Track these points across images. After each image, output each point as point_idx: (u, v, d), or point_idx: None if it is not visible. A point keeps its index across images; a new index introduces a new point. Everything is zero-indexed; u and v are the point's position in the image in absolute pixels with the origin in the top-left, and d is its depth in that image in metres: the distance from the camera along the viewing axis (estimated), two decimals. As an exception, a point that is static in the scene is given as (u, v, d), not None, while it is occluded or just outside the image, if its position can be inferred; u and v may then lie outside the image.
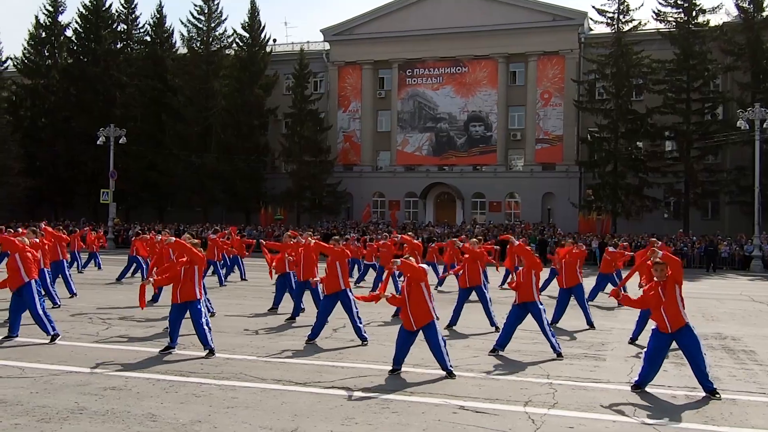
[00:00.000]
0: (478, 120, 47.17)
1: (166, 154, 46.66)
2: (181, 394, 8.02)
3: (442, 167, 48.07)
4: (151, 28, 52.49)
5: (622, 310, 17.17)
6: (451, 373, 9.05)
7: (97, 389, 8.13)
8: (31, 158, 49.29)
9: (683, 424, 7.28)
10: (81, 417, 7.03)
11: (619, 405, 7.93)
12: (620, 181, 40.98)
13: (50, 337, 11.07)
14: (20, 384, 8.32)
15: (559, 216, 44.10)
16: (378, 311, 14.58)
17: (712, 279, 29.32)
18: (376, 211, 48.44)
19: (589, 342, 12.14)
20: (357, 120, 49.65)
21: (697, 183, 40.24)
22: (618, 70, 41.01)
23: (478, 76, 47.07)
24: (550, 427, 7.00)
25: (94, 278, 22.13)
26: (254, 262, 26.18)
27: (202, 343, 10.20)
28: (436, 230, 40.72)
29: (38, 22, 51.56)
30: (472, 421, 7.18)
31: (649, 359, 8.55)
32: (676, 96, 40.75)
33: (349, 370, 9.49)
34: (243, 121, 47.38)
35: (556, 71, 45.49)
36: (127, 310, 15.12)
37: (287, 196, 46.99)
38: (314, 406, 7.58)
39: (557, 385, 8.83)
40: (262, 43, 49.73)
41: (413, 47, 47.33)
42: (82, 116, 48.86)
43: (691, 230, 38.85)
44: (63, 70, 51.28)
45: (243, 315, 14.73)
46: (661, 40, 41.36)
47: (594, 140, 43.03)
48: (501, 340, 10.81)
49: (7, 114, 50.55)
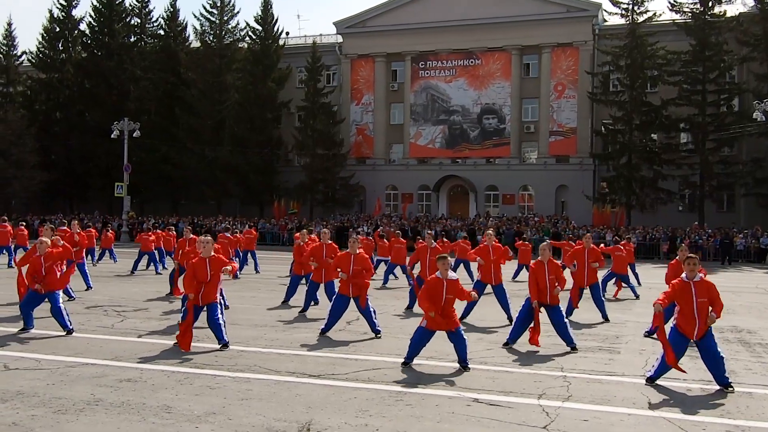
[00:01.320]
0: (492, 112, 46.99)
1: (180, 148, 46.84)
2: (195, 386, 8.06)
3: (455, 160, 47.96)
4: (165, 21, 52.65)
5: (636, 303, 17.10)
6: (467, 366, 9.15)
7: (112, 381, 8.18)
8: (46, 152, 49.68)
9: (699, 417, 7.23)
10: (97, 408, 7.08)
11: (634, 398, 7.89)
12: (635, 173, 40.72)
13: (66, 331, 11.12)
14: (37, 376, 8.38)
15: (572, 209, 43.92)
16: (392, 304, 14.59)
17: (727, 272, 29.11)
18: (389, 204, 48.44)
19: (603, 335, 12.09)
20: (370, 113, 49.59)
21: (713, 175, 39.92)
22: (632, 62, 40.69)
23: (492, 68, 46.88)
24: (564, 420, 6.97)
25: (109, 271, 22.27)
26: (267, 255, 26.29)
27: (217, 338, 10.24)
28: (449, 223, 40.66)
29: (52, 17, 51.81)
30: (486, 413, 7.17)
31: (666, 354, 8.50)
32: (692, 87, 40.43)
33: (362, 362, 9.49)
34: (256, 114, 47.47)
35: (570, 63, 45.23)
36: (142, 302, 15.20)
37: (300, 189, 47.07)
38: (328, 399, 7.60)
39: (571, 378, 8.80)
40: (275, 36, 49.76)
41: (426, 39, 47.17)
42: (96, 110, 49.18)
43: (706, 223, 38.59)
44: (77, 64, 51.54)
45: (257, 307, 14.77)
46: (676, 31, 40.99)
47: (608, 132, 42.81)
48: (513, 334, 10.79)
49: (22, 108, 51.02)
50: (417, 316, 13.60)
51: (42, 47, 52.06)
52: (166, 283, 17.18)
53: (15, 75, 52.86)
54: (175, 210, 49.58)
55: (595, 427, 6.81)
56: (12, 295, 15.81)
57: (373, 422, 6.80)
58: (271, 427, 6.59)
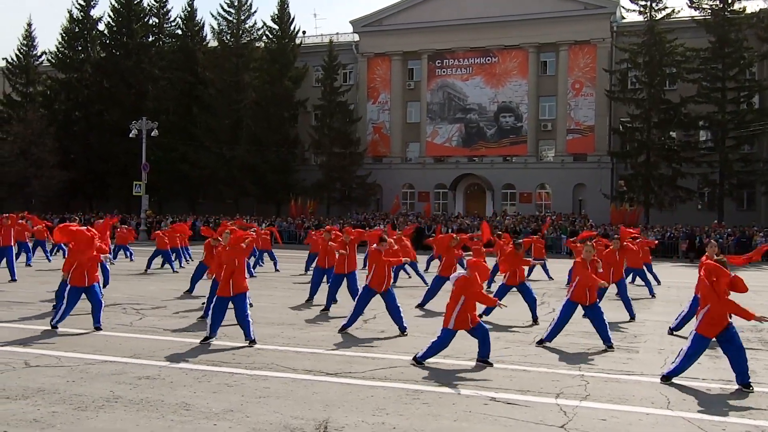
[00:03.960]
0: (509, 110, 46.84)
1: (198, 147, 47.10)
2: (213, 383, 8.10)
3: (471, 158, 47.86)
4: (182, 21, 52.94)
5: (654, 301, 16.98)
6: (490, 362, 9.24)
7: (131, 378, 8.24)
8: (65, 151, 50.14)
9: (718, 417, 7.17)
10: (116, 405, 7.13)
11: (653, 397, 7.84)
12: (653, 171, 40.45)
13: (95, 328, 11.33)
14: (57, 373, 8.46)
15: (590, 207, 43.69)
16: (407, 303, 14.58)
17: (747, 270, 28.76)
18: (406, 203, 48.41)
19: (622, 334, 12.01)
20: (386, 111, 49.60)
21: (732, 173, 39.57)
22: (651, 59, 40.41)
23: (509, 66, 46.72)
24: (581, 419, 6.94)
25: (127, 269, 22.42)
26: (284, 254, 26.36)
27: (245, 334, 10.37)
28: (465, 221, 40.57)
29: (72, 17, 52.29)
30: (503, 412, 7.15)
31: (687, 357, 8.46)
32: (711, 85, 40.09)
33: (379, 360, 9.50)
34: (273, 113, 47.62)
35: (588, 60, 44.99)
36: (160, 300, 15.30)
37: (317, 187, 47.20)
38: (345, 397, 7.61)
39: (589, 377, 8.75)
40: (292, 35, 49.90)
41: (443, 38, 47.10)
42: (114, 109, 49.56)
43: (726, 221, 38.24)
44: (96, 63, 51.98)
45: (274, 305, 14.82)
46: (695, 28, 40.66)
47: (626, 130, 42.55)
48: (551, 333, 10.77)
49: (42, 108, 51.53)
50: (431, 316, 13.61)
51: (61, 47, 52.55)
52: (183, 281, 17.27)
53: (35, 75, 53.46)
54: (193, 209, 49.86)
55: (613, 427, 6.77)
56: (33, 293, 16.00)
57: (390, 420, 6.81)
58: (288, 424, 6.61)
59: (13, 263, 18.93)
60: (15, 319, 12.42)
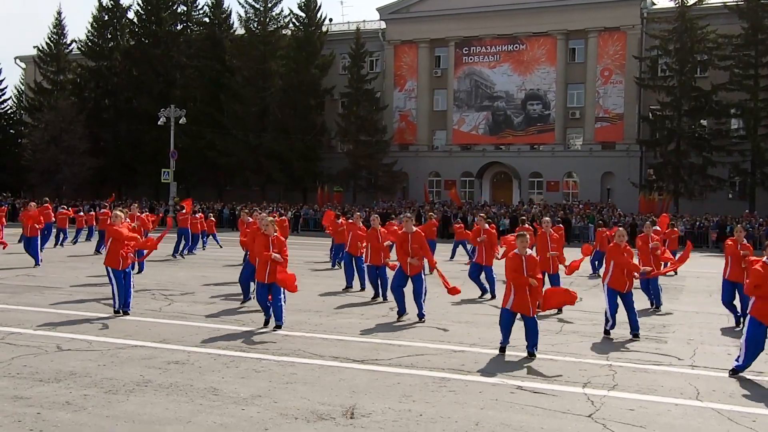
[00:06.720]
0: (536, 98, 46.44)
1: (225, 134, 47.35)
2: (241, 369, 8.18)
3: (498, 146, 47.56)
4: (210, 9, 53.08)
5: (682, 292, 16.80)
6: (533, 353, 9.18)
7: (161, 363, 8.36)
8: (95, 139, 50.71)
9: (748, 408, 7.10)
10: (146, 389, 7.24)
11: (682, 388, 7.78)
12: (683, 160, 39.90)
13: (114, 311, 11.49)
14: (88, 357, 8.60)
15: (618, 196, 43.22)
16: (434, 292, 14.57)
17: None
18: (432, 191, 48.31)
19: (650, 324, 11.90)
20: (413, 99, 49.43)
21: (765, 162, 38.87)
22: (682, 46, 39.77)
23: (537, 54, 46.27)
24: (609, 409, 6.91)
25: (156, 255, 22.63)
26: (309, 242, 26.46)
27: (275, 317, 10.62)
28: (492, 210, 40.41)
29: (101, 5, 52.69)
30: (530, 401, 7.14)
31: (749, 345, 8.34)
32: (744, 72, 39.35)
33: (405, 348, 9.52)
34: (299, 101, 47.70)
35: (617, 47, 44.40)
36: (188, 286, 15.46)
37: (343, 175, 47.25)
38: (372, 384, 7.65)
39: (617, 366, 8.70)
40: (319, 23, 49.84)
41: (470, 25, 46.74)
42: (143, 97, 50.02)
43: (758, 210, 37.65)
44: (125, 52, 52.40)
45: (300, 293, 14.86)
46: (727, 14, 39.88)
47: (656, 118, 41.97)
48: (612, 324, 10.69)
49: (72, 95, 52.11)
50: (463, 304, 13.59)
51: (91, 36, 53.01)
52: (212, 268, 17.45)
53: (65, 63, 54.02)
54: (220, 196, 50.20)
55: (641, 417, 6.72)
56: (63, 278, 16.26)
57: (417, 408, 6.83)
58: (315, 410, 6.67)
59: (37, 249, 18.94)
60: (46, 304, 12.64)
